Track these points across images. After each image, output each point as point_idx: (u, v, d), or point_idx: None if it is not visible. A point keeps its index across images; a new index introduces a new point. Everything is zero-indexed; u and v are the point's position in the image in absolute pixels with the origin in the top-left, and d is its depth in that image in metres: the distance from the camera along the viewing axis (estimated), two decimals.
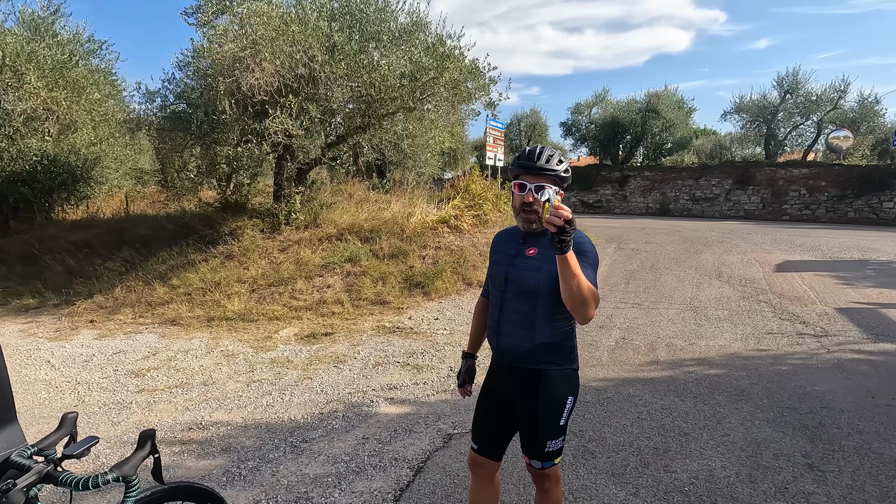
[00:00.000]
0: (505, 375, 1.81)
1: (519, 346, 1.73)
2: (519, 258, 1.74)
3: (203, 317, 6.02)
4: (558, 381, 1.75)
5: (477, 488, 1.93)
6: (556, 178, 1.67)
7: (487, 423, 1.87)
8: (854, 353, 4.57)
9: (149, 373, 4.41)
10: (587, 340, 4.99)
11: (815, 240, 11.48)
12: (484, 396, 1.91)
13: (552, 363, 1.74)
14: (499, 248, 1.85)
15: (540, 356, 1.73)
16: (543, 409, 1.73)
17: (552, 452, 1.77)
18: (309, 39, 6.91)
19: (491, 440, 1.87)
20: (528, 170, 1.67)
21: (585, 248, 1.65)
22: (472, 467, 1.92)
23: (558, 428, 1.76)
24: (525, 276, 1.70)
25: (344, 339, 5.20)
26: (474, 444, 1.89)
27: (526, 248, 1.74)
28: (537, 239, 1.72)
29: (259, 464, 2.88)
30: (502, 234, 1.90)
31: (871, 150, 21.23)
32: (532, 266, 1.69)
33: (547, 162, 1.66)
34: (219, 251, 7.63)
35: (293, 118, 6.99)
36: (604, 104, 24.14)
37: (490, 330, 1.83)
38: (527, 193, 1.67)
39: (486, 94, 8.29)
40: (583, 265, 1.56)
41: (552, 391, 1.73)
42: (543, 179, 1.66)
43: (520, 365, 1.75)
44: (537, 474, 1.83)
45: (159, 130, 8.32)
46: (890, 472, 2.71)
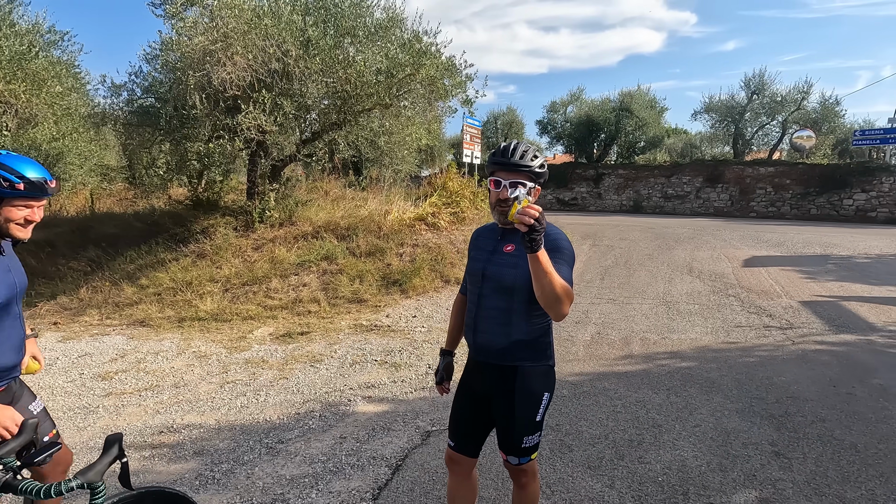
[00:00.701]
0: (481, 372, 1.81)
1: (495, 342, 1.73)
2: (496, 255, 1.74)
3: (174, 317, 5.86)
4: (534, 377, 1.75)
5: (455, 485, 1.93)
6: (532, 175, 1.67)
7: (464, 421, 1.87)
8: (817, 344, 4.76)
9: (117, 376, 4.27)
10: (563, 336, 5.05)
11: (781, 236, 11.89)
12: (460, 393, 1.91)
13: (528, 360, 1.74)
14: (477, 245, 1.85)
15: (516, 352, 1.73)
16: (520, 406, 1.74)
17: (529, 448, 1.78)
18: (282, 33, 6.78)
19: (467, 437, 1.87)
20: (502, 166, 1.66)
21: (561, 245, 1.65)
22: (450, 464, 1.92)
23: (534, 424, 1.76)
24: (502, 272, 1.70)
25: (320, 338, 5.13)
26: (451, 442, 1.89)
27: (503, 244, 1.74)
28: (515, 235, 1.71)
29: (233, 466, 2.82)
30: (481, 231, 1.90)
31: (832, 150, 22.12)
32: (509, 262, 1.69)
33: (521, 158, 1.66)
34: (190, 250, 7.44)
35: (266, 114, 6.85)
36: (579, 103, 24.47)
37: (467, 326, 1.83)
38: (501, 190, 1.66)
39: (463, 92, 8.28)
40: (557, 261, 1.57)
41: (528, 387, 1.74)
42: (519, 176, 1.65)
43: (496, 361, 1.75)
44: (514, 470, 1.84)
45: (126, 125, 8.05)
46: (850, 457, 2.83)
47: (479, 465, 2.74)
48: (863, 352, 4.53)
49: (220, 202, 9.16)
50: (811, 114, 21.23)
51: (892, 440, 3.01)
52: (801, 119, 21.23)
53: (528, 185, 1.64)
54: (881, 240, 11.53)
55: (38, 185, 1.66)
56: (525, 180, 1.66)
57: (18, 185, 1.63)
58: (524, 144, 1.71)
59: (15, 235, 1.69)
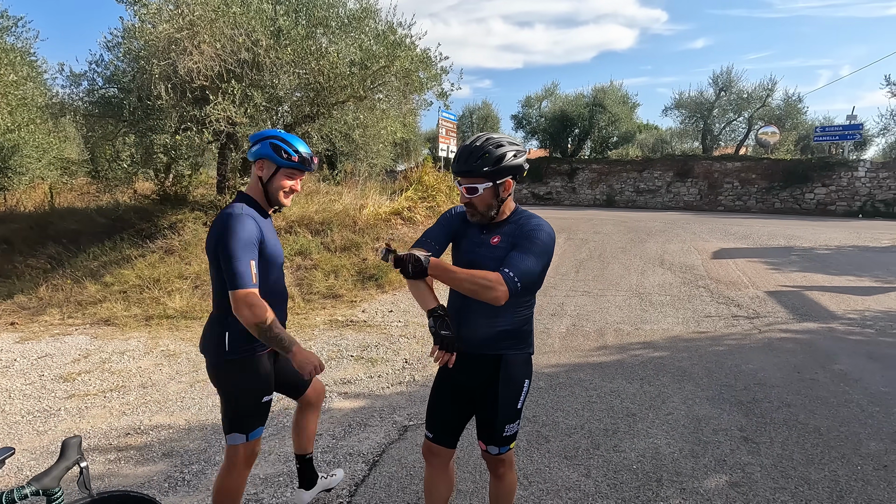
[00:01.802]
0: (465, 363, 1.78)
1: (481, 333, 1.73)
2: (483, 247, 1.72)
3: (141, 316, 5.66)
4: (517, 365, 1.77)
5: (432, 477, 1.92)
6: (487, 176, 1.63)
7: (443, 412, 1.86)
8: (782, 332, 4.92)
9: (80, 377, 4.10)
10: (539, 328, 5.09)
11: (747, 229, 12.27)
12: (438, 385, 1.89)
13: (512, 348, 1.76)
14: (464, 233, 1.80)
15: (501, 342, 1.74)
16: (504, 394, 1.75)
17: (509, 437, 1.79)
18: (252, 22, 6.59)
19: (446, 428, 1.86)
20: (456, 173, 1.68)
21: (534, 235, 1.66)
22: (427, 456, 1.90)
23: (516, 412, 1.78)
24: (490, 265, 1.67)
25: (295, 334, 5.04)
26: (429, 433, 1.88)
27: (489, 237, 1.73)
28: (499, 227, 1.73)
29: (204, 467, 2.74)
30: (465, 214, 1.80)
31: (794, 146, 22.93)
32: (496, 255, 1.68)
33: (467, 161, 1.64)
34: (157, 246, 7.20)
35: (236, 105, 6.66)
36: (553, 98, 24.66)
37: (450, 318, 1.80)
38: (461, 195, 1.70)
39: (438, 85, 8.24)
40: (521, 248, 1.63)
41: (512, 376, 1.75)
42: (474, 180, 1.65)
43: (481, 351, 1.75)
44: (493, 460, 1.84)
45: (87, 117, 7.71)
46: (814, 440, 2.94)
47: (456, 458, 2.74)
48: (825, 339, 4.71)
49: (188, 197, 8.89)
50: (775, 111, 21.96)
51: (852, 423, 3.13)
52: (765, 116, 21.94)
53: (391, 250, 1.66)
54: (840, 232, 12.02)
55: (306, 159, 1.96)
56: (478, 183, 1.64)
57: (294, 157, 1.93)
58: (482, 139, 1.65)
59: (281, 201, 1.98)
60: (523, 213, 1.76)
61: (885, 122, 20.64)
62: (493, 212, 1.70)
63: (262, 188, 1.96)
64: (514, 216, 1.74)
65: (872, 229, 12.82)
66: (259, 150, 1.94)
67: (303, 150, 1.95)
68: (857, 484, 2.52)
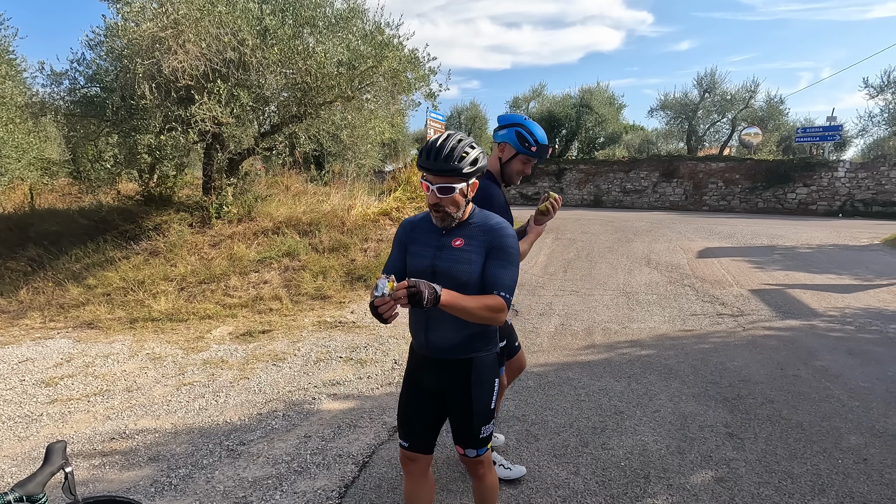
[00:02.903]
0: (435, 369, 1.75)
1: (451, 339, 1.69)
2: (445, 250, 1.66)
3: (125, 318, 5.58)
4: (486, 365, 1.76)
5: (412, 485, 1.88)
6: (461, 176, 1.58)
7: (416, 419, 1.81)
8: (765, 329, 5.01)
9: (62, 381, 4.02)
10: (528, 328, 5.12)
11: (731, 228, 12.46)
12: (408, 392, 1.84)
13: (481, 350, 1.74)
14: (415, 238, 1.73)
15: (470, 345, 1.72)
16: (477, 396, 1.73)
17: (486, 438, 1.78)
18: (238, 21, 6.53)
19: (420, 435, 1.82)
20: (427, 170, 1.59)
21: (506, 244, 1.63)
22: (406, 464, 1.86)
23: (489, 412, 1.77)
24: (456, 269, 1.63)
25: (283, 336, 5.01)
26: (404, 443, 1.83)
27: (450, 239, 1.67)
28: (460, 230, 1.67)
29: (192, 471, 2.71)
30: (415, 223, 1.78)
31: (776, 146, 23.34)
32: (462, 258, 1.63)
33: (447, 160, 1.56)
34: (142, 247, 7.10)
35: (222, 105, 6.59)
36: (540, 99, 24.80)
37: (416, 326, 1.75)
38: (430, 195, 1.61)
39: (426, 85, 8.23)
40: (501, 262, 1.61)
41: (483, 376, 1.74)
42: (446, 179, 1.58)
43: (451, 356, 1.72)
44: (472, 463, 1.82)
45: (69, 116, 7.56)
46: (797, 435, 3.00)
47: (446, 457, 2.74)
48: (807, 336, 4.80)
49: (173, 197, 8.77)
50: (758, 112, 22.33)
51: (834, 418, 3.21)
52: (748, 117, 22.30)
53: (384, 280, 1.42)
54: (821, 231, 12.27)
55: (543, 150, 2.23)
56: (454, 183, 1.58)
57: (532, 147, 2.21)
58: (455, 139, 1.59)
59: (513, 182, 2.29)
60: (482, 214, 1.72)
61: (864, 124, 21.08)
62: (460, 213, 1.65)
63: (500, 167, 2.26)
64: (472, 217, 1.70)
65: (852, 228, 13.11)
66: (505, 135, 2.22)
67: (542, 141, 2.20)
68: (838, 477, 2.58)
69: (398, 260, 1.75)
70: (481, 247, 1.64)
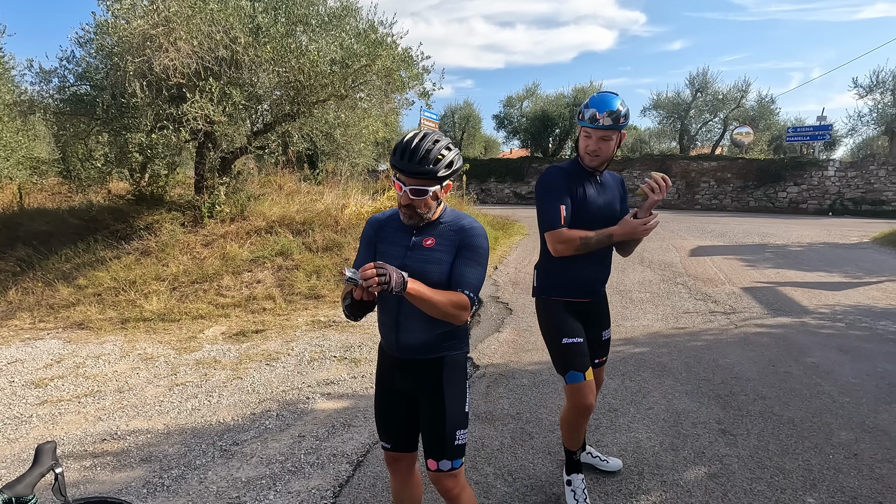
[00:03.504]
0: (405, 370, 1.71)
1: (421, 338, 1.65)
2: (416, 250, 1.62)
3: (116, 318, 5.53)
4: (458, 366, 1.71)
5: (399, 485, 1.85)
6: (435, 179, 1.53)
7: (392, 421, 1.78)
8: (757, 327, 5.05)
9: (52, 382, 3.98)
10: (523, 326, 5.13)
11: (723, 227, 12.55)
12: (381, 394, 1.80)
13: (453, 349, 1.70)
14: (384, 237, 1.69)
15: (441, 344, 1.68)
16: (450, 396, 1.67)
17: (460, 447, 1.69)
18: (230, 19, 6.48)
19: (400, 435, 1.78)
20: (400, 170, 1.54)
21: (476, 243, 1.62)
22: (391, 465, 1.84)
23: (464, 415, 1.70)
24: (427, 268, 1.59)
25: (276, 335, 4.98)
26: (386, 444, 1.80)
27: (421, 238, 1.63)
28: (431, 229, 1.64)
29: (184, 471, 2.69)
30: (383, 220, 1.73)
31: (768, 146, 23.55)
32: (433, 258, 1.60)
33: (421, 162, 1.50)
34: (133, 247, 7.03)
35: (214, 103, 6.54)
36: (534, 98, 24.87)
37: (386, 326, 1.71)
38: (402, 195, 1.57)
39: (420, 84, 8.21)
40: (468, 261, 1.60)
41: (454, 377, 1.69)
42: (420, 181, 1.53)
43: (422, 356, 1.68)
44: (445, 479, 1.68)
45: (58, 114, 7.47)
46: (788, 431, 3.03)
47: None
48: (798, 333, 4.85)
49: (165, 197, 8.70)
50: (749, 111, 22.52)
51: (824, 414, 3.24)
52: (740, 116, 22.47)
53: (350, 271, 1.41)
54: (811, 229, 12.39)
55: (592, 116, 2.06)
56: (428, 185, 1.53)
57: (583, 115, 2.11)
58: (430, 139, 1.53)
59: (589, 164, 2.17)
60: (453, 213, 1.69)
61: (853, 123, 21.34)
62: (431, 213, 1.62)
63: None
64: (444, 216, 1.66)
65: (841, 227, 13.25)
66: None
67: (594, 109, 2.04)
68: (829, 472, 2.60)
69: (366, 260, 1.70)
70: (451, 246, 1.61)
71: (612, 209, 2.23)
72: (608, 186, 2.24)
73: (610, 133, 2.07)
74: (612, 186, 2.25)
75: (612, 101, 2.05)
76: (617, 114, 2.04)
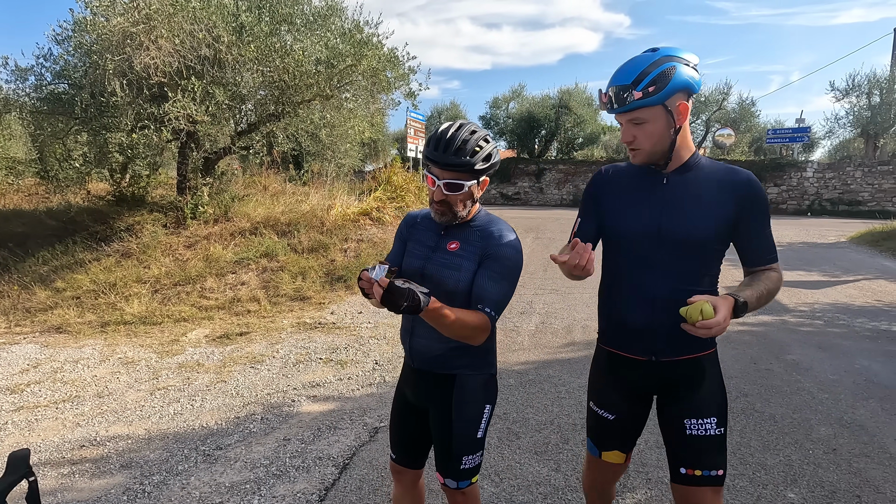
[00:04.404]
0: (417, 381, 1.63)
1: (433, 348, 1.55)
2: (438, 252, 1.53)
3: (95, 322, 5.41)
4: (474, 388, 1.57)
5: (400, 494, 1.81)
6: (472, 173, 1.44)
7: (403, 432, 1.72)
8: (739, 325, 5.13)
9: (28, 388, 3.88)
10: (509, 326, 5.14)
11: None
12: (398, 403, 1.75)
13: (468, 367, 1.56)
14: (415, 236, 1.62)
15: (454, 360, 1.55)
16: (458, 420, 1.55)
17: (469, 470, 1.58)
18: (212, 18, 6.39)
19: (408, 450, 1.72)
20: (436, 163, 1.44)
21: (501, 253, 1.47)
22: (395, 474, 1.79)
23: (475, 441, 1.57)
24: (444, 274, 1.50)
25: (261, 338, 4.92)
26: (393, 454, 1.75)
27: (447, 241, 1.54)
28: (459, 231, 1.54)
29: (166, 477, 2.64)
30: (419, 218, 1.66)
31: (749, 147, 24.00)
32: (453, 263, 1.50)
33: (457, 153, 1.40)
34: (113, 249, 6.89)
35: (197, 103, 6.45)
36: (520, 99, 24.98)
37: (404, 330, 1.65)
38: (436, 191, 1.46)
39: (406, 84, 8.20)
40: (490, 271, 1.45)
41: (467, 399, 1.56)
42: (456, 174, 1.43)
43: (433, 369, 1.58)
44: (454, 495, 1.62)
45: (35, 114, 7.30)
46: (770, 427, 3.08)
47: None
48: (778, 331, 4.94)
49: (146, 198, 8.55)
50: (731, 114, 22.93)
51: (804, 410, 3.30)
52: (722, 118, 22.87)
53: (383, 267, 1.32)
54: (791, 229, 12.65)
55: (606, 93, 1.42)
56: (463, 179, 1.43)
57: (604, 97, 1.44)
58: (468, 129, 1.44)
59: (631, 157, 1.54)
60: (486, 217, 1.56)
61: (831, 126, 21.86)
62: (466, 212, 1.51)
63: None
64: (476, 219, 1.55)
65: (820, 227, 13.55)
66: None
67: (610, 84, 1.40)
68: (809, 467, 2.65)
69: (398, 256, 1.65)
70: (476, 253, 1.49)
71: (684, 227, 1.43)
72: (689, 192, 1.43)
73: (638, 114, 1.36)
74: (701, 192, 1.43)
75: (625, 67, 1.36)
76: (625, 87, 1.34)
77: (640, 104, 1.34)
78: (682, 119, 1.38)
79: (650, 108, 1.35)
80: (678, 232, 1.43)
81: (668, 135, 1.39)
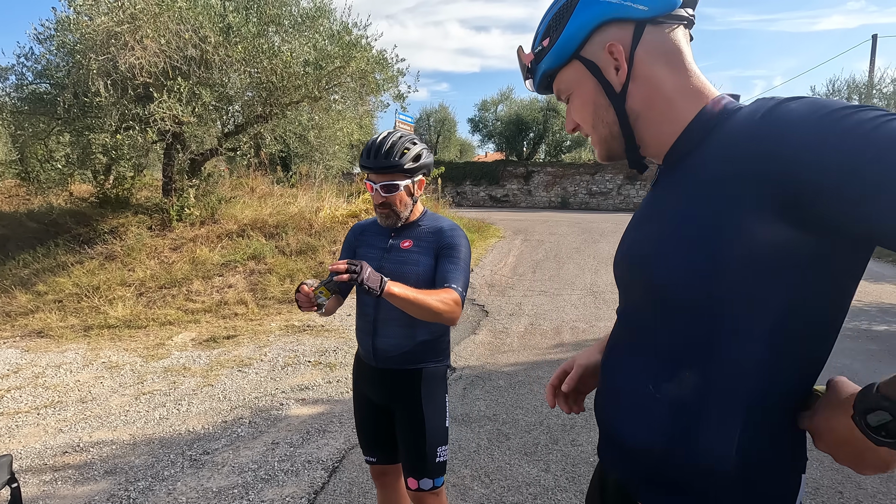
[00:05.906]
0: (382, 381, 1.65)
1: (400, 346, 1.59)
2: (393, 252, 1.61)
3: (78, 326, 5.31)
4: (438, 379, 1.65)
5: (385, 498, 1.81)
6: (404, 172, 1.54)
7: (374, 433, 1.73)
8: None
9: (9, 393, 3.79)
10: (498, 328, 5.16)
11: None
12: (360, 406, 1.76)
13: (432, 360, 1.64)
14: (364, 241, 1.69)
15: (420, 354, 1.61)
16: (429, 411, 1.60)
17: (442, 464, 1.62)
18: (199, 18, 6.33)
19: (383, 447, 1.73)
20: (369, 169, 1.55)
21: (457, 242, 1.58)
22: (377, 478, 1.79)
23: (444, 431, 1.64)
24: (403, 269, 1.56)
25: (249, 341, 4.87)
26: (370, 458, 1.75)
27: (399, 240, 1.62)
28: (409, 231, 1.63)
29: (152, 483, 2.60)
30: (365, 226, 1.75)
31: None
32: (410, 259, 1.57)
33: (387, 157, 1.52)
34: (97, 251, 6.78)
35: (183, 104, 6.37)
36: (509, 102, 25.13)
37: (363, 332, 1.65)
38: (375, 195, 1.57)
39: (395, 86, 8.20)
40: (451, 260, 1.54)
41: (434, 391, 1.63)
42: (390, 176, 1.53)
43: (399, 366, 1.61)
44: (428, 497, 1.61)
45: (15, 114, 7.16)
46: None
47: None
48: None
49: (131, 199, 8.43)
50: None
51: None
52: None
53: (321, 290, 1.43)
54: None
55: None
56: (397, 180, 1.54)
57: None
58: (395, 135, 1.56)
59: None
60: (432, 216, 1.68)
61: None
62: (408, 212, 1.60)
63: None
64: (423, 219, 1.65)
65: None
66: None
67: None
68: None
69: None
70: (430, 248, 1.58)
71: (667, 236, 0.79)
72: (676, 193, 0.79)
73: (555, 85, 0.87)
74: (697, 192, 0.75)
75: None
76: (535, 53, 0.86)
77: (545, 68, 0.83)
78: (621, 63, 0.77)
79: (561, 68, 0.82)
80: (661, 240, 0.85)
81: (604, 102, 0.80)
